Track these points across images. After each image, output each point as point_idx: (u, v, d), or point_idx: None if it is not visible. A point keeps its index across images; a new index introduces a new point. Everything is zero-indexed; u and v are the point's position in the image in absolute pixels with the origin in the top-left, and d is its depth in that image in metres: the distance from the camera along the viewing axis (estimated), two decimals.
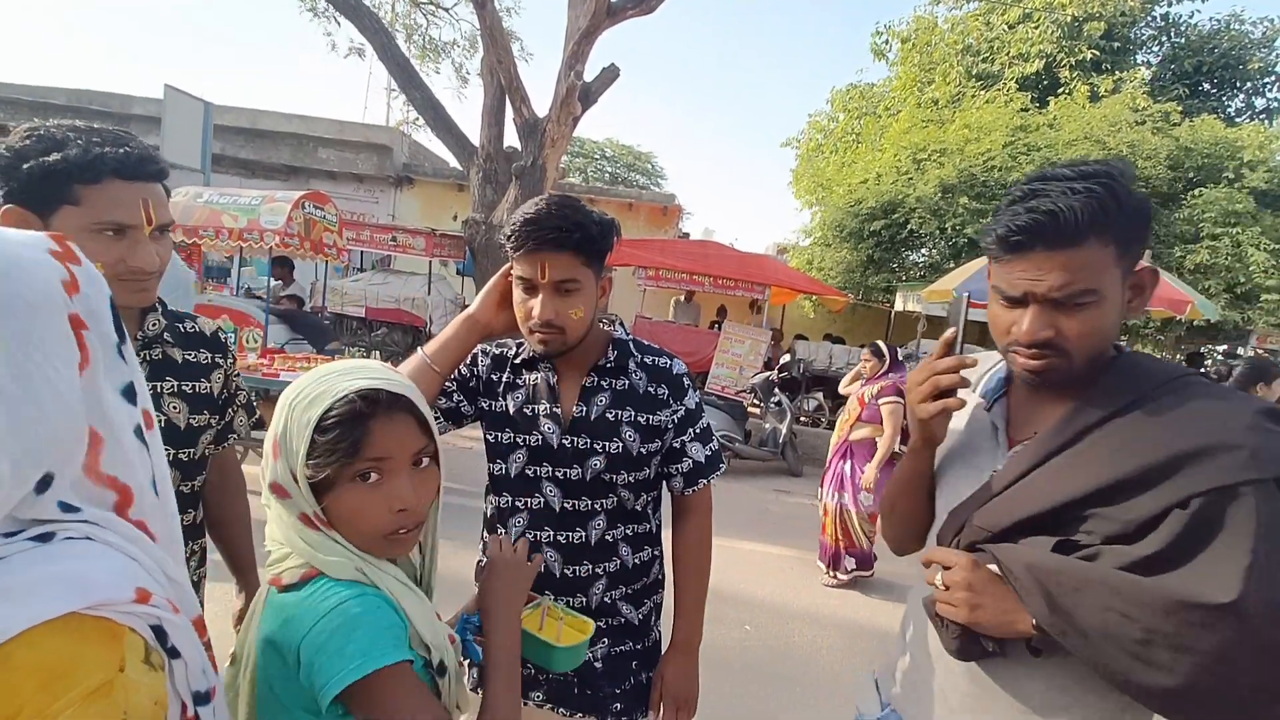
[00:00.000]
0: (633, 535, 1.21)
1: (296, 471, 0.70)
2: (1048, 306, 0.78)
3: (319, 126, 11.40)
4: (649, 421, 1.17)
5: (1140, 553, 0.70)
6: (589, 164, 22.72)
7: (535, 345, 1.11)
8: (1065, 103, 9.15)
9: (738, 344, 7.18)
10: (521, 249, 1.05)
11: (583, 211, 1.07)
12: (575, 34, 6.66)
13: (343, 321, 7.89)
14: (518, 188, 7.02)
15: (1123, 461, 0.73)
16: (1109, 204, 0.74)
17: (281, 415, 0.72)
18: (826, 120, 13.99)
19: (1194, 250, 7.46)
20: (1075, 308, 0.77)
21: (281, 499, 0.72)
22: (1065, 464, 0.77)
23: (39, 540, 0.48)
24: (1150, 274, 0.81)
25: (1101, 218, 0.74)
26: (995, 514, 0.81)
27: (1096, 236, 0.75)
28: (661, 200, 11.58)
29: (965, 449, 0.93)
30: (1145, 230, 0.79)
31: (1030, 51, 10.14)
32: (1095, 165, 0.78)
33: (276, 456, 0.71)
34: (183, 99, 7.40)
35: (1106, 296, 0.77)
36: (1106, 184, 0.75)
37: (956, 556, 0.81)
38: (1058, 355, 0.79)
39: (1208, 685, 0.66)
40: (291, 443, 0.70)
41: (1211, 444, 0.69)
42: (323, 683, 0.64)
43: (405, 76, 7.78)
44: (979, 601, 0.77)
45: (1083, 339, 0.78)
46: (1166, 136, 8.12)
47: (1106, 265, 0.76)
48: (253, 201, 5.43)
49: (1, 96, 11.58)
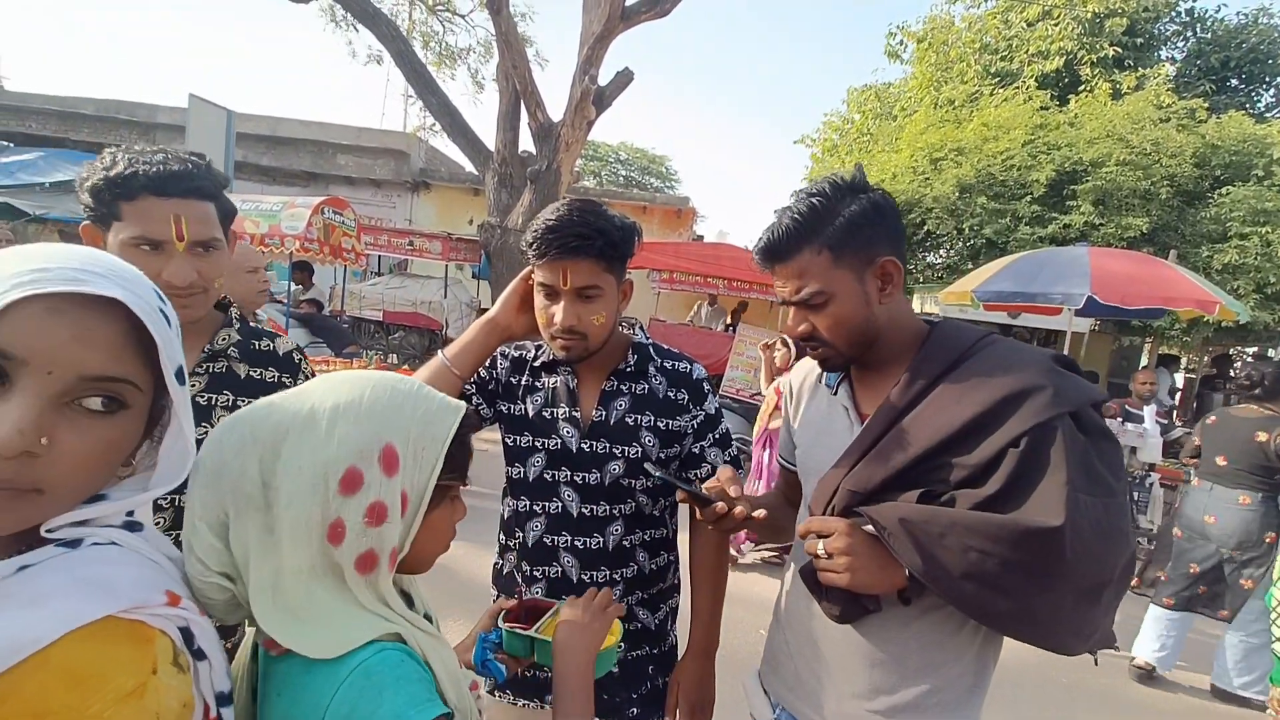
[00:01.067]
0: (650, 541, 1.20)
1: (426, 490, 0.62)
2: (799, 308, 0.94)
3: (337, 133, 11.57)
4: (668, 426, 1.17)
5: (988, 491, 0.79)
6: (603, 167, 22.80)
7: (557, 351, 1.12)
8: (1086, 100, 8.98)
9: (752, 346, 7.14)
10: (544, 256, 1.04)
11: (604, 217, 1.06)
12: (589, 38, 6.69)
13: (361, 325, 8.00)
14: (533, 192, 7.06)
15: (958, 413, 0.83)
16: (810, 219, 0.89)
17: (388, 416, 0.61)
18: (842, 121, 13.89)
19: (1222, 250, 7.27)
20: (813, 307, 0.92)
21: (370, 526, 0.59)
22: (912, 423, 0.87)
23: (67, 546, 0.48)
24: (893, 265, 0.91)
25: (805, 232, 0.89)
26: (861, 477, 0.88)
27: (808, 246, 0.90)
28: (676, 203, 11.57)
29: (823, 432, 1.02)
30: (869, 229, 0.90)
31: (1050, 49, 9.97)
32: (820, 183, 0.92)
33: (392, 472, 0.60)
34: (206, 108, 7.55)
35: (838, 293, 0.90)
36: (816, 201, 0.90)
37: (835, 523, 0.87)
38: (823, 345, 0.94)
39: (1046, 598, 0.78)
40: (423, 454, 0.62)
41: (1024, 388, 0.82)
42: None
43: (422, 83, 7.87)
44: (858, 564, 0.84)
45: (832, 330, 0.92)
46: (1192, 133, 7.92)
47: (825, 268, 0.90)
48: (274, 208, 5.54)
49: (32, 107, 11.91)
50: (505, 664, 0.85)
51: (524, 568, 1.19)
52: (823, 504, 0.92)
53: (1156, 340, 8.38)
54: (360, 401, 0.60)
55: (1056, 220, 7.66)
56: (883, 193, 0.93)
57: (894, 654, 0.90)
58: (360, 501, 0.58)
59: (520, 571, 1.20)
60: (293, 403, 0.60)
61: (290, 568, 0.58)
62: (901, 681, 0.90)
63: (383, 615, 0.61)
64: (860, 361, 0.98)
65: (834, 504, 0.90)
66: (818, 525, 0.88)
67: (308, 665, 0.57)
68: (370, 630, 0.59)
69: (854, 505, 0.88)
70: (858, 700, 0.93)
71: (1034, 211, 7.76)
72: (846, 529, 0.85)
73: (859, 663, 0.93)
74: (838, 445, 0.96)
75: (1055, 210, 7.82)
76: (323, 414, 0.59)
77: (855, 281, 0.91)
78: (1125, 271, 5.00)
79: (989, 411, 0.82)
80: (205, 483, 0.58)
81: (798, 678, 1.00)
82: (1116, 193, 7.53)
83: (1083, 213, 7.50)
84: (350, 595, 0.60)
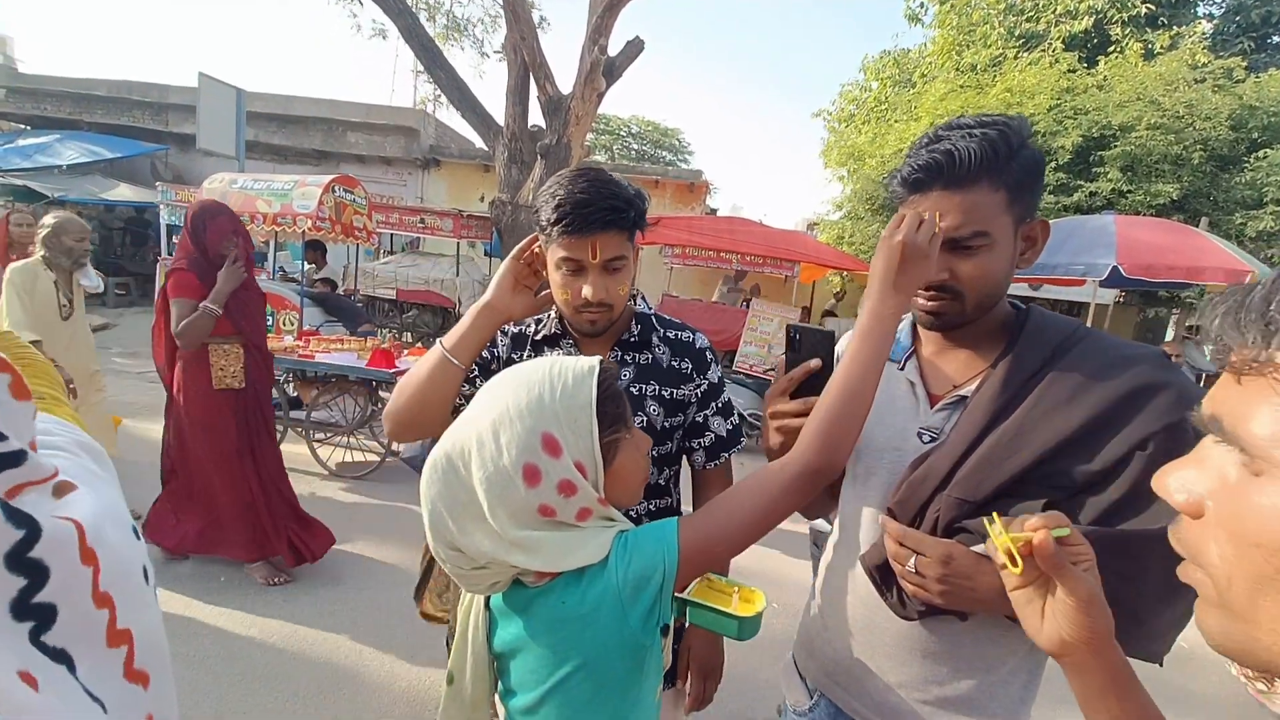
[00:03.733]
0: (656, 511, 1.20)
1: (594, 452, 0.72)
2: (944, 249, 0.81)
3: (348, 110, 11.52)
4: (673, 395, 1.15)
5: (1112, 497, 0.73)
6: (615, 141, 22.49)
7: (583, 325, 1.10)
8: (1116, 62, 8.60)
9: (766, 322, 7.07)
10: (573, 231, 1.01)
11: (623, 187, 1.06)
12: (598, 6, 6.52)
13: (374, 304, 8.04)
14: (543, 167, 6.98)
15: (1075, 411, 0.75)
16: (1000, 149, 0.78)
17: (535, 411, 0.70)
18: (859, 90, 13.50)
19: (1256, 216, 7.00)
20: (968, 250, 0.80)
21: (568, 497, 0.71)
22: (1022, 421, 0.78)
23: None
24: (1041, 226, 0.84)
25: (994, 161, 0.78)
26: (972, 484, 0.78)
27: (989, 180, 0.78)
28: (688, 177, 11.40)
29: (882, 409, 0.90)
30: (1036, 181, 0.81)
31: (1079, 8, 9.54)
32: (995, 117, 0.81)
33: (558, 454, 0.70)
34: (217, 86, 7.54)
35: (998, 241, 0.80)
36: (1001, 131, 0.78)
37: (934, 547, 0.77)
38: (953, 297, 0.83)
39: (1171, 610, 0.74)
40: (577, 425, 0.71)
41: (1145, 385, 0.75)
42: (658, 582, 0.70)
43: (430, 57, 7.76)
44: (958, 591, 0.76)
45: (974, 281, 0.81)
46: (1229, 94, 7.57)
47: (998, 210, 0.79)
48: (285, 187, 5.54)
49: (46, 90, 11.99)
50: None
51: None
52: (911, 511, 0.82)
53: (1184, 312, 8.15)
54: (509, 408, 0.71)
55: (1083, 188, 7.42)
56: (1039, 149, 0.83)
57: (947, 646, 0.85)
58: (548, 485, 0.69)
59: None
60: (463, 429, 0.73)
61: (527, 538, 0.71)
62: (954, 674, 0.85)
63: (614, 519, 0.77)
64: (951, 334, 0.89)
65: (935, 515, 0.80)
66: (912, 542, 0.79)
67: (578, 575, 0.72)
68: (610, 535, 0.74)
69: (964, 517, 0.78)
70: (906, 690, 0.88)
71: (1059, 179, 7.51)
72: (944, 555, 0.76)
73: (910, 653, 0.87)
74: (895, 424, 0.90)
75: (1081, 178, 7.56)
76: (487, 431, 0.70)
77: (1013, 233, 0.81)
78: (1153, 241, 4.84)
79: (1110, 410, 0.74)
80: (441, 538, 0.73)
81: (838, 664, 0.95)
82: (1146, 158, 7.26)
83: (1110, 179, 7.25)
84: (583, 529, 0.74)
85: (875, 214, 9.31)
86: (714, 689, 1.21)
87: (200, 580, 2.81)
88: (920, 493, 0.82)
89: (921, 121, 9.27)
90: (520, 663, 0.76)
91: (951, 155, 0.78)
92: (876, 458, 0.91)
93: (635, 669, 0.75)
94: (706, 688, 1.20)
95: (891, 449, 0.90)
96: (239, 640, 2.44)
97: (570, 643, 0.73)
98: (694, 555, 0.72)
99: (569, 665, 0.73)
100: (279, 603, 2.71)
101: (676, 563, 0.71)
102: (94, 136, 11.28)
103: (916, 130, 9.16)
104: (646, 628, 0.72)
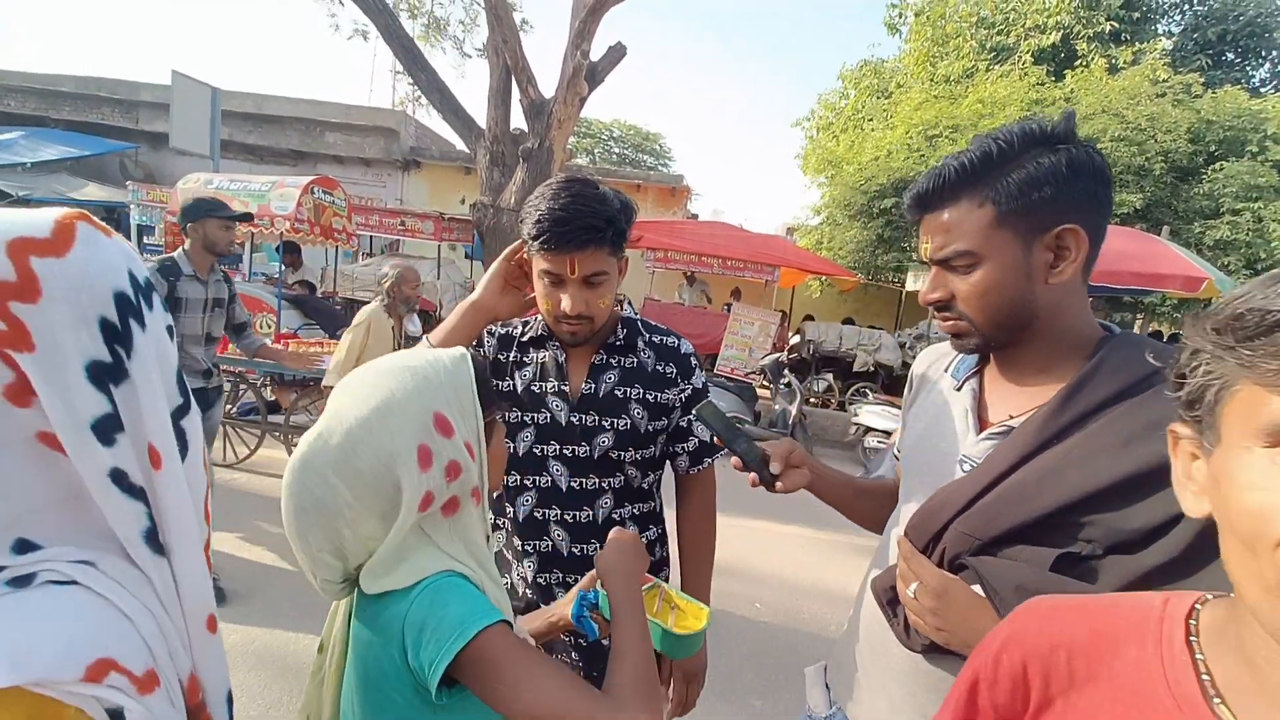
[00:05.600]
0: (639, 514, 1.22)
1: (479, 431, 0.72)
2: (941, 269, 0.79)
3: (326, 110, 11.36)
4: (657, 399, 1.18)
5: (1149, 562, 0.62)
6: (596, 145, 22.51)
7: (564, 335, 1.12)
8: (1082, 75, 8.91)
9: (747, 325, 7.16)
10: (551, 247, 1.02)
11: (606, 200, 1.05)
12: (581, 11, 6.56)
13: (353, 306, 7.93)
14: (525, 170, 6.98)
15: (1126, 458, 0.64)
16: (977, 165, 0.74)
17: (425, 392, 0.69)
18: (837, 98, 13.74)
19: (1214, 225, 7.30)
20: (958, 270, 0.77)
21: (451, 481, 0.69)
22: (1060, 459, 0.68)
23: (15, 585, 0.42)
24: (1074, 234, 0.73)
25: (969, 178, 0.74)
26: (982, 519, 0.71)
27: (968, 198, 0.75)
28: (669, 181, 11.48)
29: (933, 431, 0.86)
30: (1048, 191, 0.72)
31: (1047, 23, 9.87)
32: (1006, 127, 0.76)
33: (450, 434, 0.69)
34: (190, 85, 7.39)
35: (990, 258, 0.74)
36: (987, 146, 0.74)
37: (931, 576, 0.74)
38: (958, 317, 0.79)
39: None
40: (463, 405, 0.71)
41: None
42: (430, 659, 0.63)
43: (410, 58, 7.71)
44: (950, 627, 0.72)
45: (970, 301, 0.77)
46: (1188, 109, 7.90)
47: (983, 226, 0.74)
48: (262, 187, 5.45)
49: (10, 85, 11.63)
50: (599, 624, 0.89)
51: (515, 543, 1.20)
52: (925, 537, 0.77)
53: (1148, 316, 8.44)
54: (394, 393, 0.68)
55: None
56: (1091, 149, 0.75)
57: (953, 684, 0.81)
58: (437, 468, 0.68)
59: (511, 548, 1.22)
60: (339, 424, 0.67)
61: (390, 543, 0.67)
62: None
63: (454, 556, 0.71)
64: (1004, 357, 0.82)
65: (943, 546, 0.75)
66: (915, 567, 0.76)
67: (386, 597, 0.67)
68: (439, 564, 0.69)
69: (968, 553, 0.72)
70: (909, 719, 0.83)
71: None
72: (939, 587, 0.72)
73: (916, 683, 0.81)
74: (942, 449, 0.83)
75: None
76: (373, 418, 0.67)
77: (1019, 248, 0.73)
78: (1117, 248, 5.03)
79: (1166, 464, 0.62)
80: (312, 522, 0.66)
81: (857, 683, 0.92)
82: (1110, 168, 7.51)
83: None
84: (428, 539, 0.70)
85: (852, 220, 9.48)
86: (696, 694, 1.21)
87: None
88: (933, 522, 0.76)
89: (897, 130, 9.47)
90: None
91: (925, 180, 0.78)
92: (918, 480, 0.87)
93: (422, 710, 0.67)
94: (689, 692, 1.20)
95: (933, 474, 0.83)
96: None
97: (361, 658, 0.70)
98: (475, 664, 0.63)
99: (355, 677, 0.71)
100: (258, 609, 2.67)
101: (460, 647, 0.62)
102: (61, 134, 10.96)
103: (892, 138, 9.36)
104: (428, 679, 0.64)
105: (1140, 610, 0.48)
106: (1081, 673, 0.48)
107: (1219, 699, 0.41)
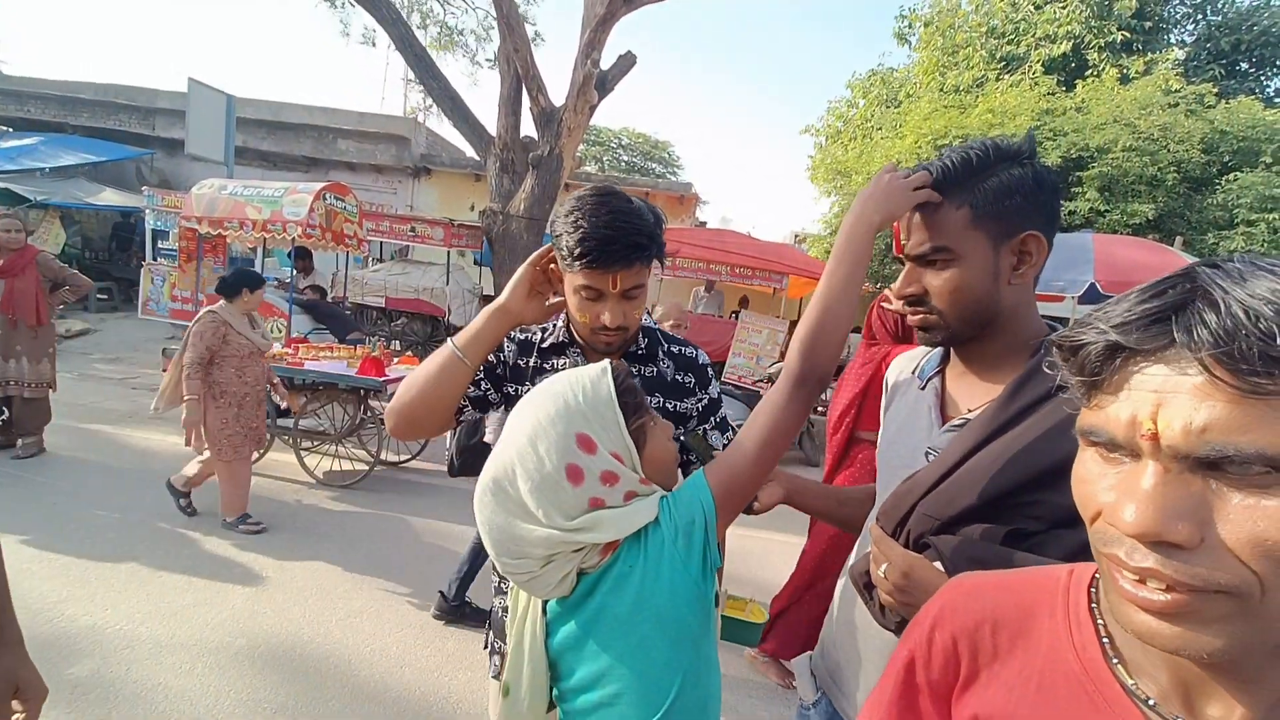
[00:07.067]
0: None
1: (626, 441, 0.79)
2: (916, 264, 0.87)
3: (339, 118, 11.51)
4: (676, 409, 1.18)
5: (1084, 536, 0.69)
6: (605, 153, 22.63)
7: (599, 345, 1.13)
8: (1094, 85, 8.87)
9: (755, 334, 7.14)
10: (595, 265, 1.02)
11: (645, 218, 1.05)
12: (592, 21, 6.61)
13: (364, 311, 8.00)
14: (535, 177, 7.03)
15: (1061, 445, 0.70)
16: (959, 171, 0.82)
17: (565, 417, 0.78)
18: (846, 107, 13.76)
19: (1228, 237, 7.21)
20: (933, 265, 0.85)
21: (612, 485, 0.78)
22: (1007, 446, 0.76)
23: None
24: (1036, 240, 0.83)
25: (949, 184, 0.83)
26: (942, 501, 0.79)
27: (948, 199, 0.83)
28: (678, 189, 11.52)
29: (903, 430, 0.96)
30: (1017, 201, 0.82)
31: (1058, 33, 9.84)
32: (978, 140, 0.85)
33: (594, 450, 0.77)
34: (206, 92, 7.51)
35: (964, 257, 0.83)
36: (966, 154, 0.83)
37: (897, 555, 0.80)
38: (929, 311, 0.86)
39: None
40: (604, 420, 0.79)
41: None
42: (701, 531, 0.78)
43: (423, 67, 7.80)
44: (915, 603, 0.76)
45: (944, 294, 0.84)
46: (1200, 119, 7.83)
47: (961, 227, 0.82)
48: (275, 193, 5.52)
49: (31, 92, 11.86)
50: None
51: None
52: (893, 521, 0.84)
53: None
54: (540, 421, 0.78)
55: (1062, 207, 7.60)
56: (1048, 168, 0.85)
57: None
58: (592, 480, 0.77)
59: None
60: (502, 453, 0.80)
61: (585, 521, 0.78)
62: None
63: (655, 491, 0.84)
64: (964, 353, 0.91)
65: (909, 529, 0.82)
66: (884, 550, 0.82)
67: (637, 538, 0.79)
68: (655, 499, 0.82)
69: (930, 532, 0.79)
70: None
71: None
72: (904, 565, 0.78)
73: None
74: (914, 446, 0.91)
75: (1060, 197, 7.76)
76: (525, 446, 0.78)
77: (989, 250, 0.82)
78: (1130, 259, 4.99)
79: None
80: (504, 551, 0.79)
81: (838, 665, 0.98)
82: (1123, 179, 7.47)
83: (1088, 199, 7.44)
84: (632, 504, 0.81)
85: None
86: None
87: (183, 590, 2.78)
88: (902, 505, 0.83)
89: (906, 140, 9.46)
90: (587, 650, 0.81)
91: None
92: (891, 474, 0.93)
93: (704, 619, 0.81)
94: None
95: (904, 467, 0.91)
96: (222, 652, 2.41)
97: (642, 600, 0.78)
98: (725, 488, 0.81)
99: (643, 624, 0.78)
100: (266, 613, 2.68)
101: (713, 501, 0.80)
102: (79, 140, 11.15)
103: (901, 148, 9.35)
104: (705, 572, 0.79)
105: (1050, 581, 0.53)
106: (1005, 645, 0.53)
107: (1118, 660, 0.46)
